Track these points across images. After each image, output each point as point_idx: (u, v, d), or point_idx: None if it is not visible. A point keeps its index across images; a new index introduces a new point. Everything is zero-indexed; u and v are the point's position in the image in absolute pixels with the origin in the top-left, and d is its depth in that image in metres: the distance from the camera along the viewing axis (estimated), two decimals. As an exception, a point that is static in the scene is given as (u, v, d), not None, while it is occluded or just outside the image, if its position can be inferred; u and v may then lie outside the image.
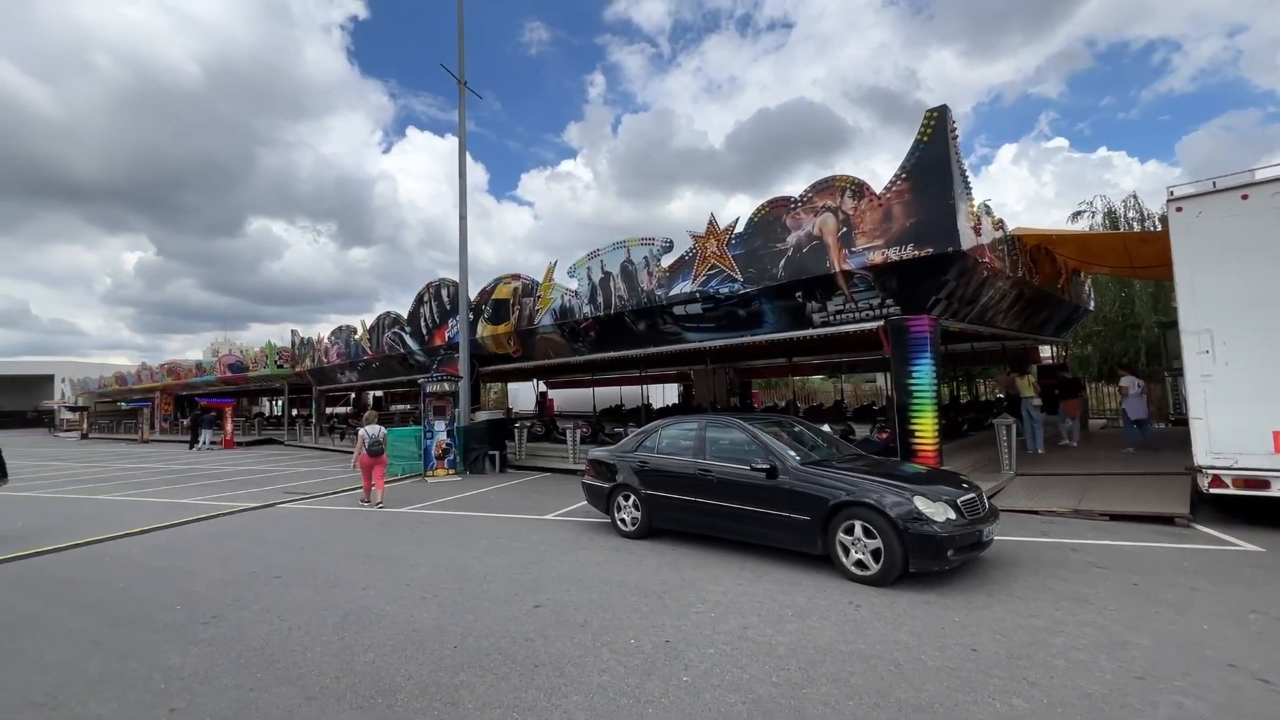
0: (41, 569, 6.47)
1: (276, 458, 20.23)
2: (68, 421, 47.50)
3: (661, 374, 30.11)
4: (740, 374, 27.98)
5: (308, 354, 26.36)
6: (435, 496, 10.78)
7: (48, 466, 19.31)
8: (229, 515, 9.42)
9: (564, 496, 10.22)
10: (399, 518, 8.85)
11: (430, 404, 13.84)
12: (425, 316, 18.54)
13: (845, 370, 24.28)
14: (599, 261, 13.09)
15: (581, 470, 7.97)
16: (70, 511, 10.29)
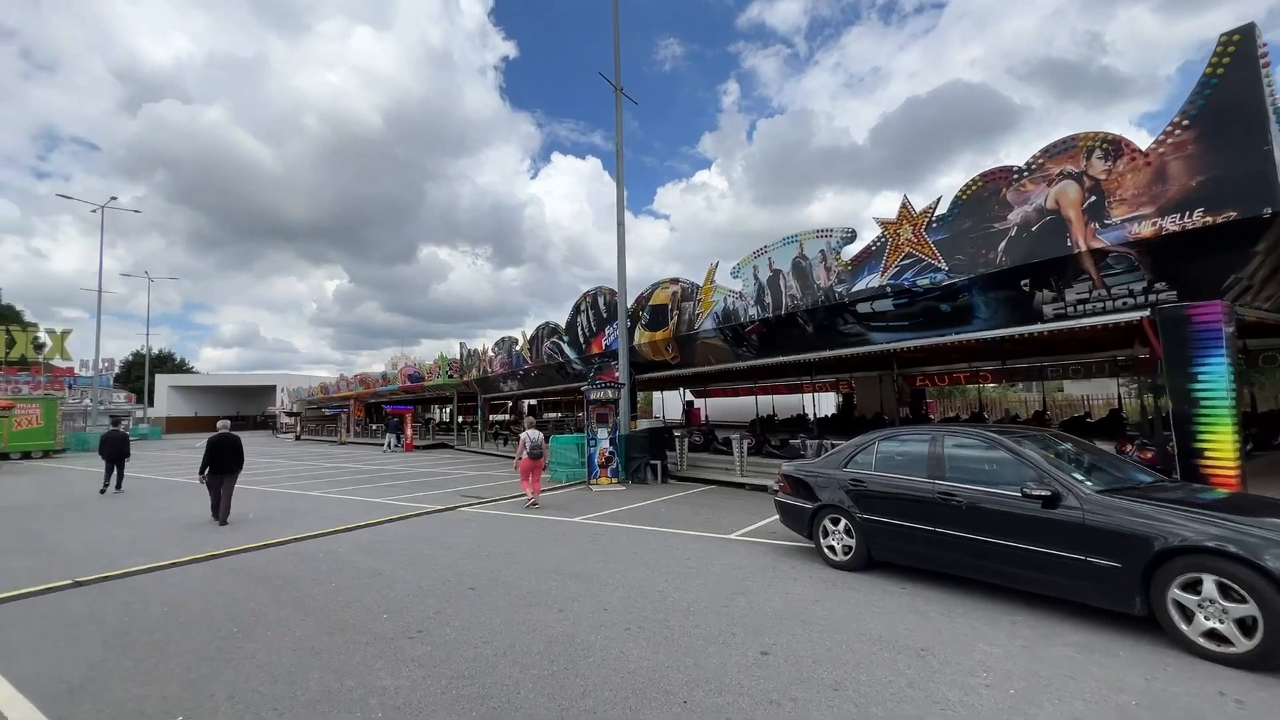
0: (269, 563, 6.89)
1: (449, 461, 21.61)
2: (285, 425, 55.72)
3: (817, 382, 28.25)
4: (908, 381, 25.34)
5: (474, 365, 28.18)
6: (603, 506, 10.47)
7: (272, 464, 22.29)
8: (417, 517, 9.77)
9: (739, 513, 9.39)
10: (576, 529, 8.56)
11: (593, 411, 13.73)
12: (582, 325, 18.77)
13: (1046, 375, 20.84)
14: (766, 259, 12.16)
15: (748, 485, 7.16)
16: (288, 506, 11.37)
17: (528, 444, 10.86)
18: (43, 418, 28.28)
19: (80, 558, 7.29)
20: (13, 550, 7.84)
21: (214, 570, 6.59)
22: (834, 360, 13.43)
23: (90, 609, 5.28)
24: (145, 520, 10.13)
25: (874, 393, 24.56)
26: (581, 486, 13.43)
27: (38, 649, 4.40)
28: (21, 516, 10.73)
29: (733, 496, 11.50)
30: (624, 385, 13.99)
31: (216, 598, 5.58)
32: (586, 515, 9.56)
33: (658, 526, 8.55)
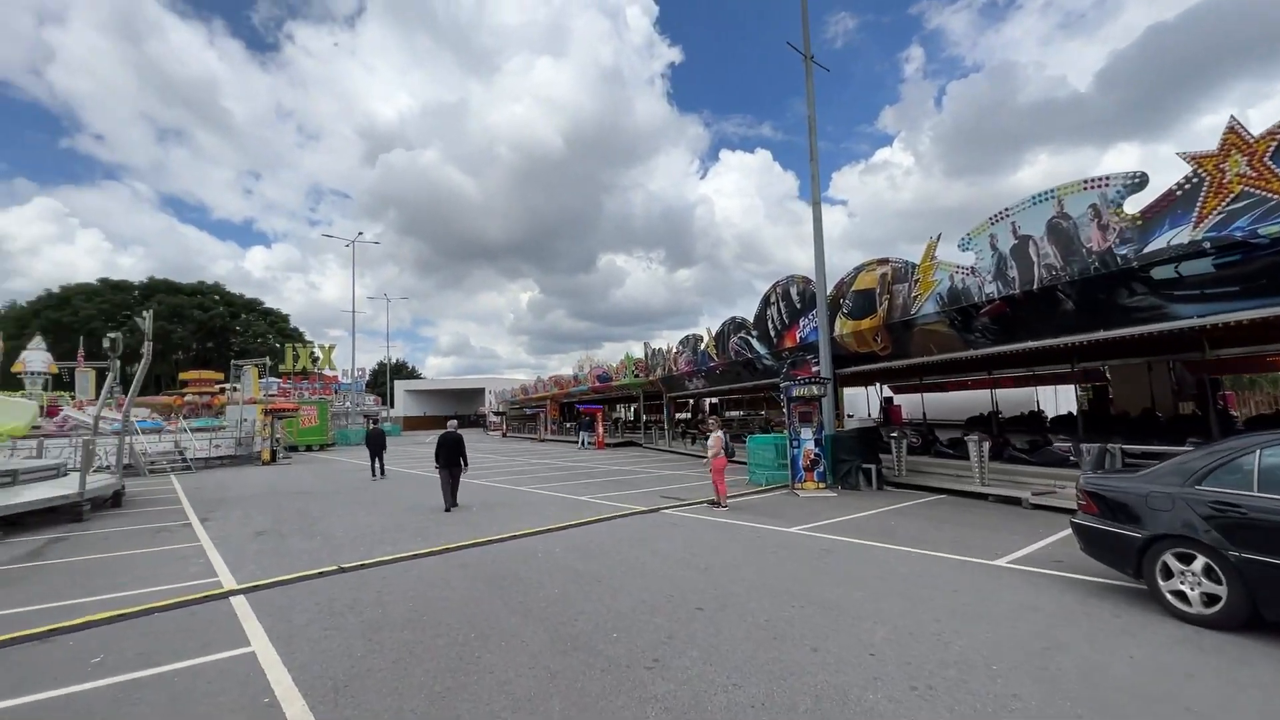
0: (493, 560, 7.01)
1: (639, 459, 21.87)
2: (493, 423, 62.24)
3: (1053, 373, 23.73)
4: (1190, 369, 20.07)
5: (659, 364, 28.44)
6: (818, 514, 9.38)
7: (485, 459, 24.55)
8: (623, 518, 9.57)
9: (995, 531, 7.72)
10: (796, 541, 7.63)
11: (795, 410, 12.63)
12: (772, 318, 17.68)
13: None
14: (1008, 225, 10.07)
15: (991, 495, 5.55)
16: (504, 500, 11.99)
17: (725, 442, 10.27)
18: (318, 417, 34.44)
19: (343, 544, 8.12)
20: (298, 533, 9.06)
21: (446, 565, 6.84)
22: (1092, 345, 10.79)
23: (351, 598, 5.63)
24: (392, 508, 11.29)
25: (1139, 384, 19.94)
26: (784, 491, 12.42)
27: (311, 636, 4.66)
28: (305, 501, 12.65)
29: (972, 509, 9.67)
30: (829, 380, 12.66)
31: (452, 595, 5.65)
32: (802, 525, 8.57)
33: (895, 544, 7.28)
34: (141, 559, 7.57)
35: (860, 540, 7.53)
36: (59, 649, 4.54)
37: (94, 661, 4.26)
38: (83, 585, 6.39)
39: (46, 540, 8.91)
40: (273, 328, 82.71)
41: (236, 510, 11.57)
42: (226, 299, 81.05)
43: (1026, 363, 19.76)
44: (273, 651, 4.33)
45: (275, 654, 4.29)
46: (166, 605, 5.51)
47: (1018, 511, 9.35)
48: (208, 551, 7.86)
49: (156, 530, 9.59)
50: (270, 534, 8.97)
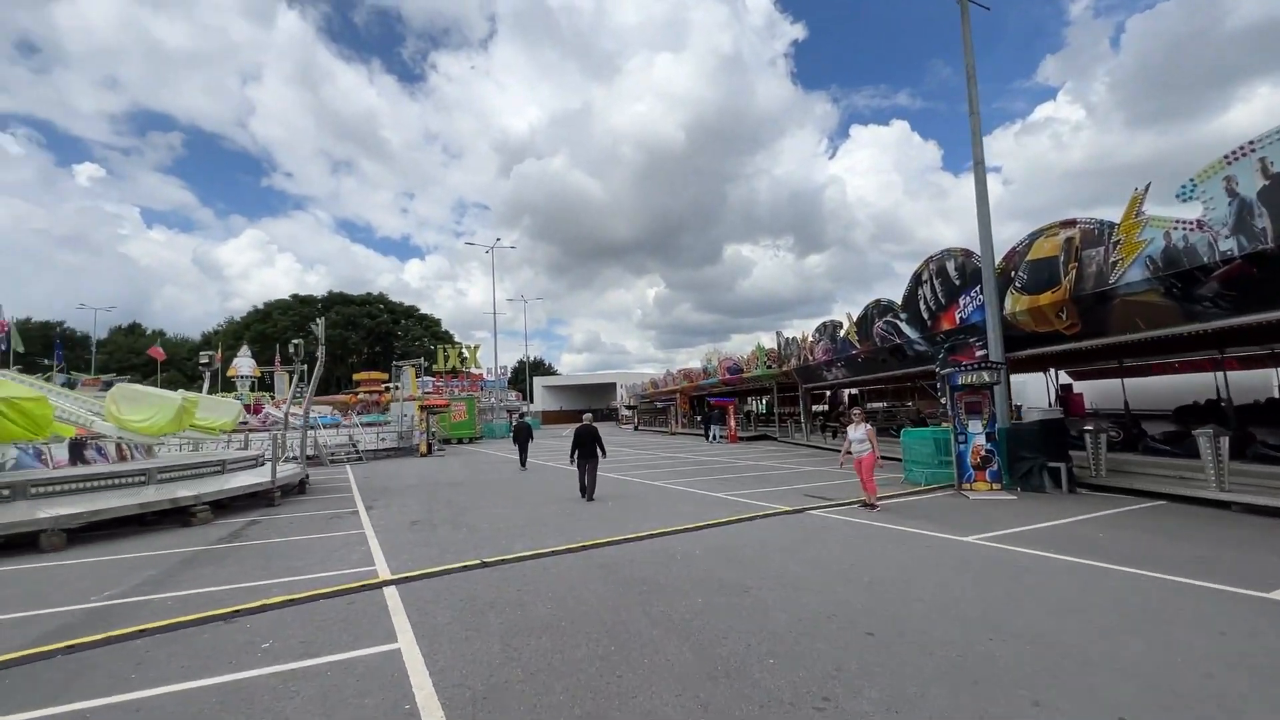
0: (631, 561, 6.68)
1: (774, 454, 20.83)
2: (624, 417, 63.70)
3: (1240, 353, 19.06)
4: None
5: (793, 353, 27.04)
6: (996, 521, 8.02)
7: (618, 452, 24.81)
8: (764, 519, 8.87)
9: (1256, 551, 6.03)
10: (977, 555, 6.49)
11: (960, 400, 11.09)
12: (925, 298, 15.85)
13: None
14: (1253, 163, 7.94)
15: (1236, 504, 4.00)
16: (639, 495, 11.76)
17: (873, 436, 9.26)
18: (466, 413, 37.11)
19: (486, 537, 8.26)
20: (446, 523, 9.43)
21: (585, 564, 6.61)
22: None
23: (492, 596, 5.54)
24: (532, 500, 11.51)
25: None
26: (949, 492, 10.96)
27: (453, 636, 4.56)
28: (454, 492, 13.35)
29: (1211, 521, 7.76)
30: (1001, 366, 10.94)
31: (591, 599, 5.36)
32: (980, 534, 7.33)
33: (1113, 563, 5.90)
34: (316, 545, 8.20)
35: (1062, 556, 6.21)
36: (239, 631, 4.84)
37: (264, 647, 4.45)
38: (267, 567, 6.98)
39: (245, 522, 10.06)
40: (427, 331, 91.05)
41: (396, 499, 12.44)
42: (389, 307, 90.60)
43: (1266, 338, 15.98)
44: (417, 651, 4.26)
45: (419, 654, 4.21)
46: (330, 593, 5.78)
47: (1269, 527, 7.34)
48: (369, 540, 8.36)
49: (330, 517, 10.49)
50: (422, 524, 9.41)
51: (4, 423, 8.94)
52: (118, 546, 8.33)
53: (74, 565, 7.33)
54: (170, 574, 6.79)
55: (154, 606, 5.59)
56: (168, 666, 4.16)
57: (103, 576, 6.75)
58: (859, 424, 9.33)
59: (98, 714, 3.54)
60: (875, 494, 9.23)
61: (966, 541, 6.99)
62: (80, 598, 5.93)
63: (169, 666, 4.16)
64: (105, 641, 4.66)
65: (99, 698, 3.72)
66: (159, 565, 7.21)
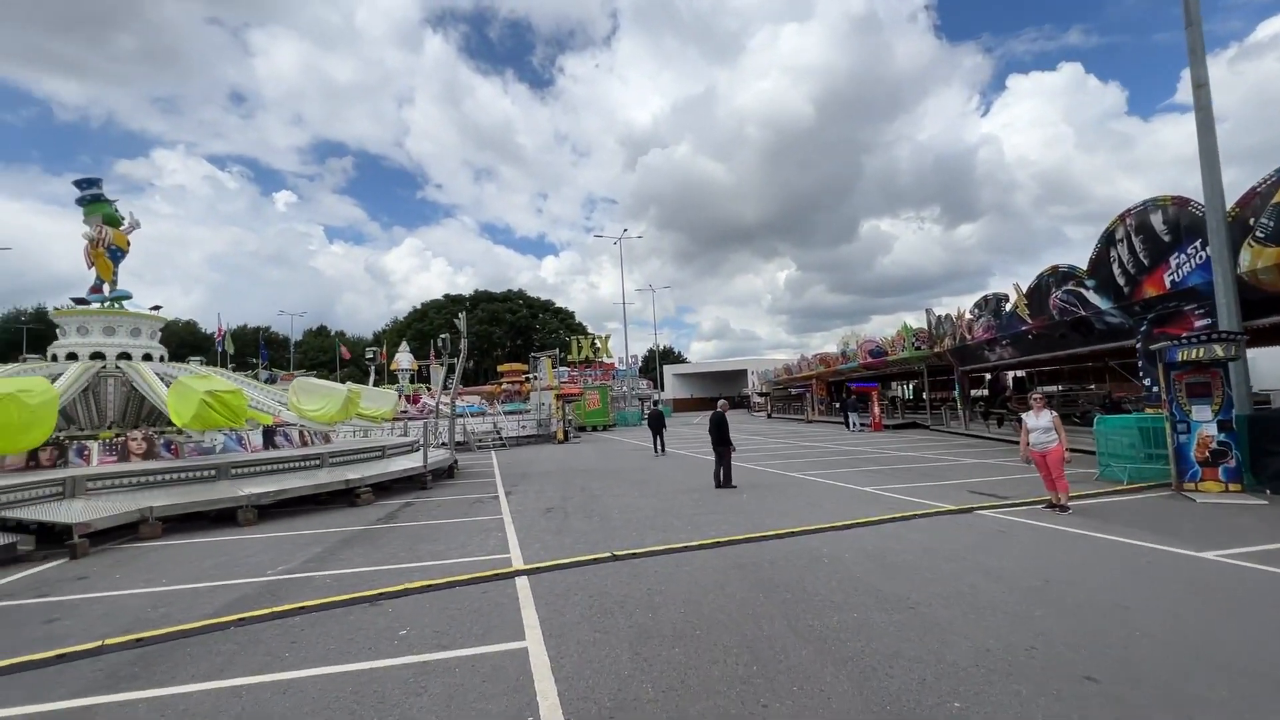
0: (772, 562, 6.08)
1: (927, 444, 18.82)
2: (757, 404, 62.06)
3: None
4: None
5: (946, 332, 24.36)
6: (1242, 533, 6.30)
7: (751, 440, 23.95)
8: (924, 518, 7.77)
9: None
10: (1222, 573, 5.06)
11: (1179, 380, 9.02)
12: (1120, 260, 13.26)
13: None
14: None
15: None
16: (775, 486, 11.01)
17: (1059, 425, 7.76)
18: (599, 401, 38.11)
19: (618, 527, 8.06)
20: (579, 511, 9.41)
21: (720, 562, 6.11)
22: None
23: (622, 594, 5.24)
24: (664, 488, 11.22)
25: None
26: (1164, 492, 8.98)
27: (580, 638, 4.29)
28: (587, 479, 13.48)
29: None
30: (1241, 337, 8.67)
31: (727, 602, 4.86)
32: (1220, 550, 5.74)
33: None
34: (458, 529, 8.51)
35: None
36: (381, 615, 4.95)
37: (400, 634, 4.48)
38: (414, 550, 7.29)
39: (401, 504, 10.80)
40: (562, 324, 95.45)
41: (534, 485, 12.79)
42: (528, 302, 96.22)
43: None
44: (544, 653, 4.02)
45: (545, 655, 3.97)
46: (466, 579, 5.82)
47: None
48: (506, 525, 8.52)
49: (473, 501, 10.96)
50: (556, 511, 9.46)
51: (210, 412, 10.30)
52: (294, 523, 9.25)
53: (259, 539, 8.20)
54: (332, 552, 7.31)
55: (315, 584, 5.97)
56: (317, 647, 4.29)
57: (280, 551, 7.44)
58: (1041, 410, 7.84)
59: (252, 691, 3.67)
60: (1067, 492, 7.73)
61: (1204, 559, 5.50)
62: (259, 571, 6.53)
63: (318, 647, 4.29)
64: (270, 616, 4.97)
65: (256, 674, 3.88)
66: (324, 543, 7.83)
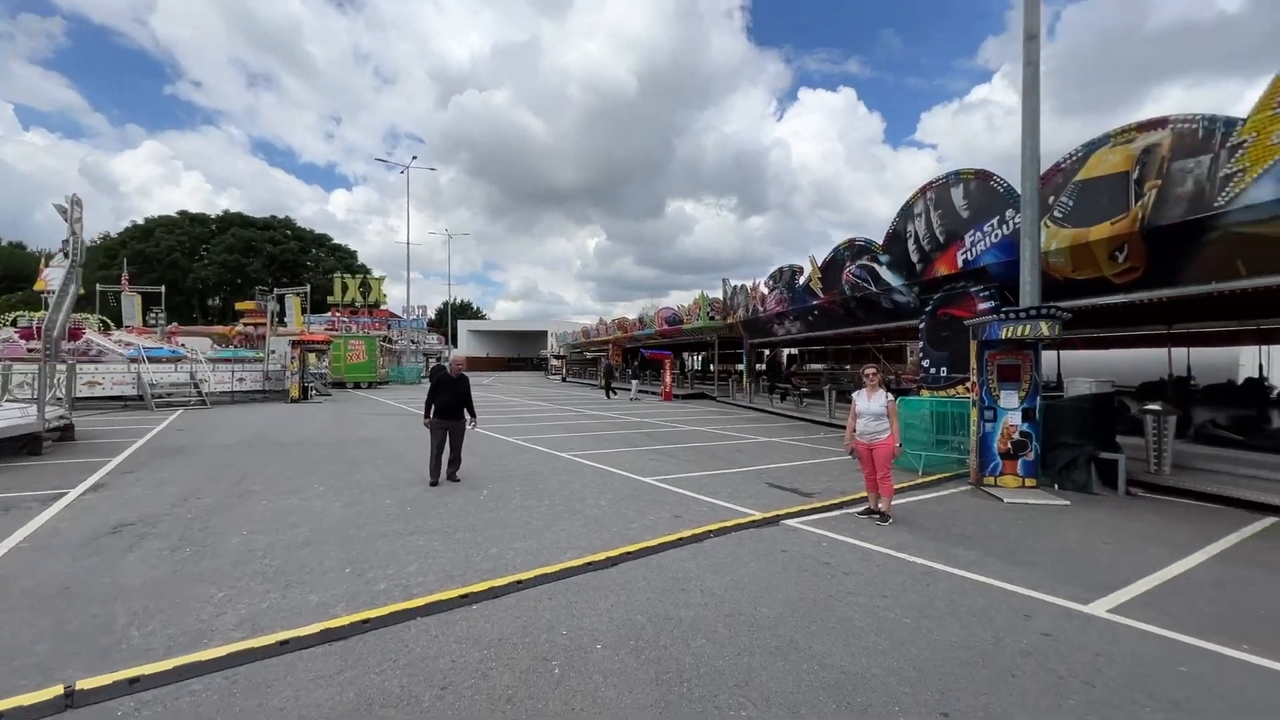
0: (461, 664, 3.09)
1: (717, 417, 17.69)
2: (554, 367, 59.49)
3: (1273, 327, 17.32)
4: None
5: (740, 303, 23.84)
6: (1091, 554, 4.92)
7: (534, 405, 21.07)
8: (723, 536, 5.46)
9: None
10: (1131, 653, 3.27)
11: (993, 360, 7.99)
12: (917, 235, 12.70)
13: None
14: None
15: None
16: (535, 474, 8.13)
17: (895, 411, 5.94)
18: (365, 353, 32.08)
19: (213, 572, 4.45)
20: (180, 531, 5.52)
21: (353, 674, 2.95)
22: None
23: None
24: (369, 480, 7.59)
25: None
26: (962, 486, 7.95)
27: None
28: (265, 460, 9.25)
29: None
30: (1065, 315, 7.77)
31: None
32: (1103, 595, 4.12)
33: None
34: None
35: (1201, 644, 3.07)
36: None
37: None
38: None
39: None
40: (340, 263, 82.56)
41: (167, 469, 8.27)
42: (297, 233, 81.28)
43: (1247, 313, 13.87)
44: None
45: None
46: None
47: None
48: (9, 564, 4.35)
49: (8, 505, 6.28)
50: (136, 530, 5.41)
51: None
52: None
53: None
54: None
55: None
56: None
57: None
58: (875, 390, 5.96)
59: None
60: (890, 497, 5.98)
61: (1099, 620, 3.77)
62: None
63: None
64: None
65: None
66: None
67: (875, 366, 6.14)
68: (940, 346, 11.96)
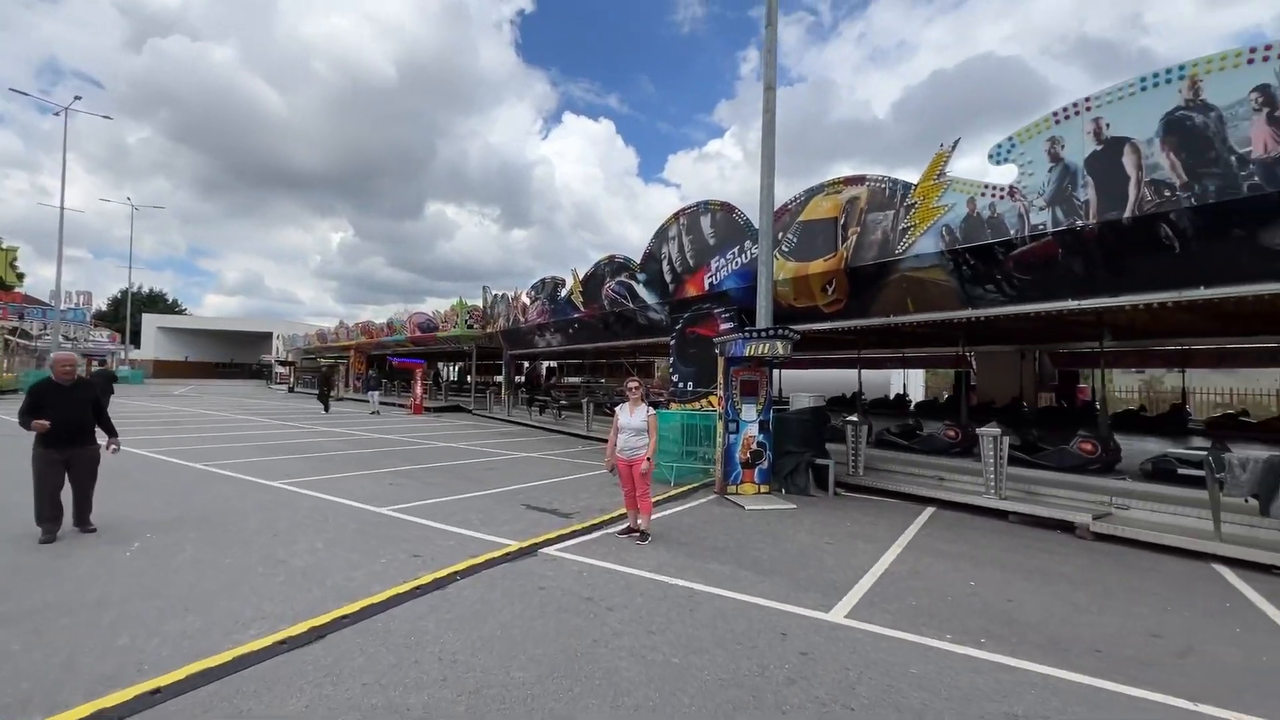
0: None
1: (473, 432, 16.56)
2: (280, 375, 50.60)
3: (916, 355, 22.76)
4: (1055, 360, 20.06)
5: (501, 313, 22.99)
6: (819, 558, 5.35)
7: (249, 421, 17.27)
8: (471, 576, 4.66)
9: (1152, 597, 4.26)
10: (875, 663, 3.43)
11: (737, 377, 8.56)
12: (671, 257, 13.45)
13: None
14: (1086, 124, 6.79)
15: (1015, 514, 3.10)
16: (235, 516, 6.26)
17: (630, 427, 5.79)
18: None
19: None
20: None
21: None
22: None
23: None
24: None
25: (1009, 372, 19.35)
26: (710, 497, 8.35)
27: None
28: None
29: (1006, 538, 6.39)
30: (797, 337, 8.66)
31: None
32: (838, 600, 4.40)
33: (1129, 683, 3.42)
34: None
35: (1029, 664, 3.55)
36: None
37: None
38: None
39: None
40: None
41: None
42: None
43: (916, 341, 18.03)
44: None
45: None
46: None
47: (1075, 545, 6.26)
48: None
49: None
50: None
51: None
52: None
53: None
54: None
55: None
56: None
57: None
58: (637, 404, 5.78)
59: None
60: (649, 514, 5.83)
61: (841, 629, 3.94)
62: None
63: None
64: None
65: None
66: None
67: (638, 380, 6.00)
68: (688, 362, 12.75)
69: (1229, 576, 5.28)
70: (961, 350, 21.23)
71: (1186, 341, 15.18)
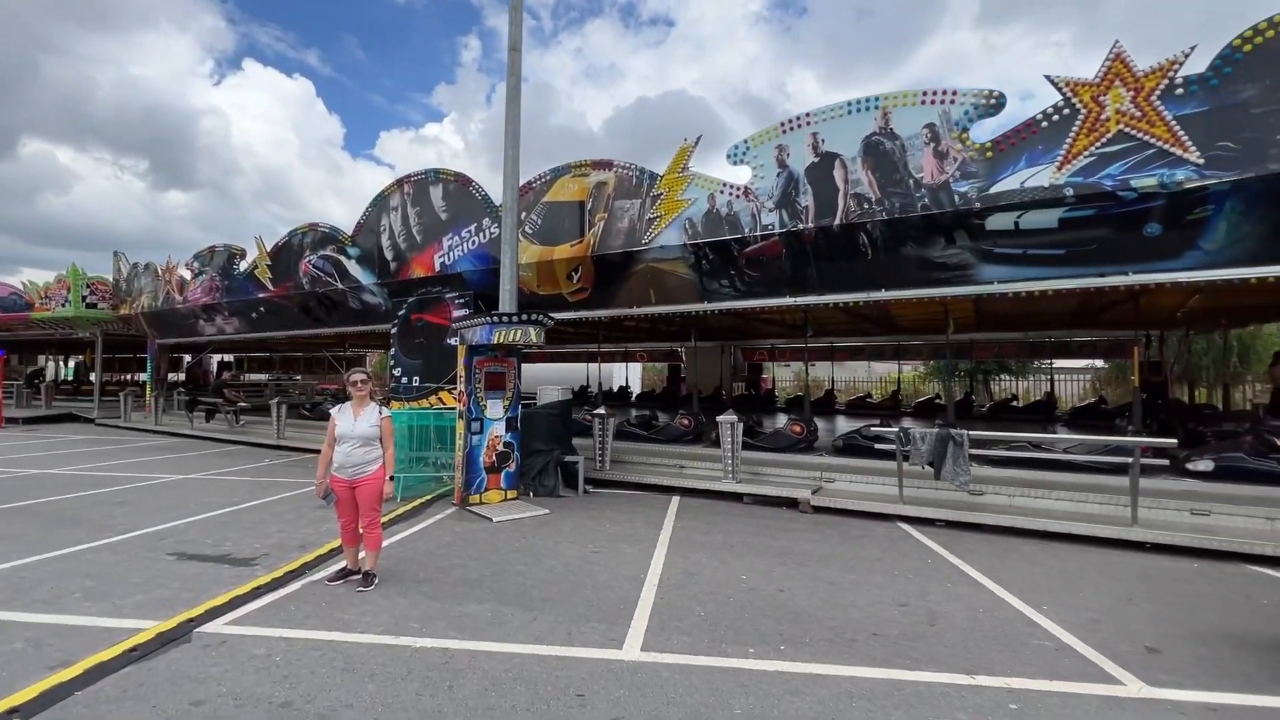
0: None
1: (96, 450, 11.93)
2: None
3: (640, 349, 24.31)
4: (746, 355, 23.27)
5: (145, 289, 17.35)
6: (596, 581, 4.70)
7: None
8: (61, 704, 2.74)
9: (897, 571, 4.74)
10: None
11: (481, 368, 7.40)
12: (392, 230, 11.50)
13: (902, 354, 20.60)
14: (807, 137, 7.51)
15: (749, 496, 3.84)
16: None
17: (351, 436, 4.31)
18: None
19: None
20: None
21: None
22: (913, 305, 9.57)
23: None
24: None
25: (712, 365, 21.86)
26: (449, 510, 7.08)
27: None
28: None
29: (745, 519, 6.73)
30: (549, 323, 7.78)
31: None
32: (630, 627, 3.76)
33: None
34: None
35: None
36: None
37: None
38: None
39: None
40: None
41: None
42: None
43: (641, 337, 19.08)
44: None
45: None
46: None
47: (803, 520, 6.86)
48: None
49: None
50: None
51: None
52: None
53: None
54: None
55: None
56: None
57: None
58: (364, 403, 4.29)
59: None
60: (378, 550, 4.40)
61: (645, 668, 3.27)
62: None
63: None
64: None
65: None
66: None
67: (365, 372, 4.48)
68: (414, 354, 11.01)
69: (913, 532, 6.24)
70: (675, 345, 23.13)
71: (839, 339, 19.08)
